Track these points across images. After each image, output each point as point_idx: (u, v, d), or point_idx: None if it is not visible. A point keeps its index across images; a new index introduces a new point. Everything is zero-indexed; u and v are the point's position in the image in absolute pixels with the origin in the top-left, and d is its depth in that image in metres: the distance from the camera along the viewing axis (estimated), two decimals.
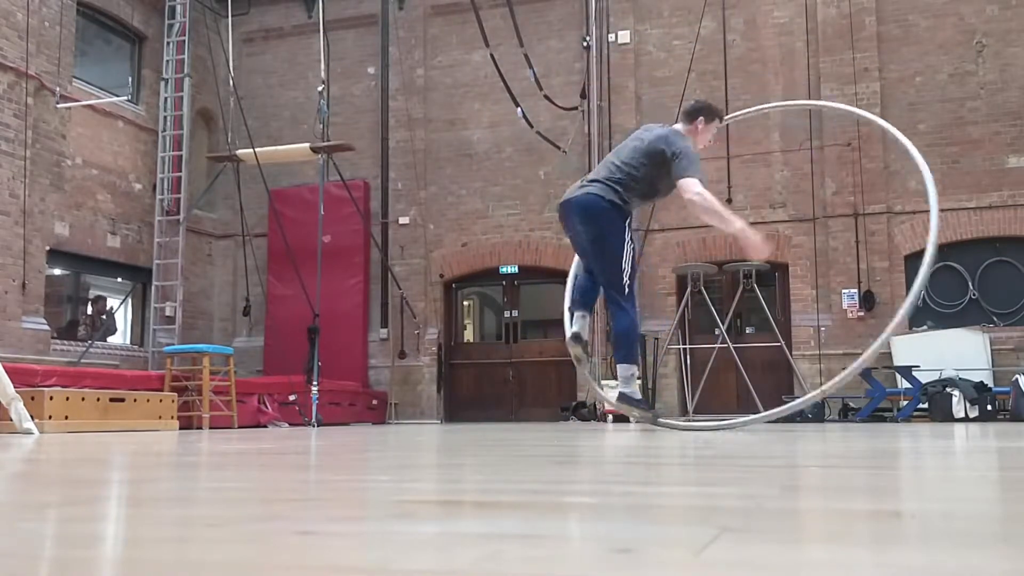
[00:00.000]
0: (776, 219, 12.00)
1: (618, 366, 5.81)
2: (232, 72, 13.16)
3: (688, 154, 5.56)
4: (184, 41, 13.03)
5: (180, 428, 8.85)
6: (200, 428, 9.25)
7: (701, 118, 5.92)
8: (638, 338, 6.08)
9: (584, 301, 6.07)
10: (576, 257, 6.46)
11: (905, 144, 6.21)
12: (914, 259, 11.52)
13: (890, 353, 11.00)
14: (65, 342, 11.57)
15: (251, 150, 12.45)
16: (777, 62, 12.23)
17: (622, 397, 5.80)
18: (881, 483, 2.18)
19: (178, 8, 13.07)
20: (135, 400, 8.49)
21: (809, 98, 11.95)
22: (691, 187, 5.45)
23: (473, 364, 13.46)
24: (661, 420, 6.32)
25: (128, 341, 13.05)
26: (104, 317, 12.71)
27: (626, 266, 5.68)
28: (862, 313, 11.45)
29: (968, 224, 11.32)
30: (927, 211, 11.84)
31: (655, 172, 5.65)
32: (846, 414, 10.69)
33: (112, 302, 13.07)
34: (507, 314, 13.48)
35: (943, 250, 11.40)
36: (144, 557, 1.12)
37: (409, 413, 13.03)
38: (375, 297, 13.45)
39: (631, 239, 5.72)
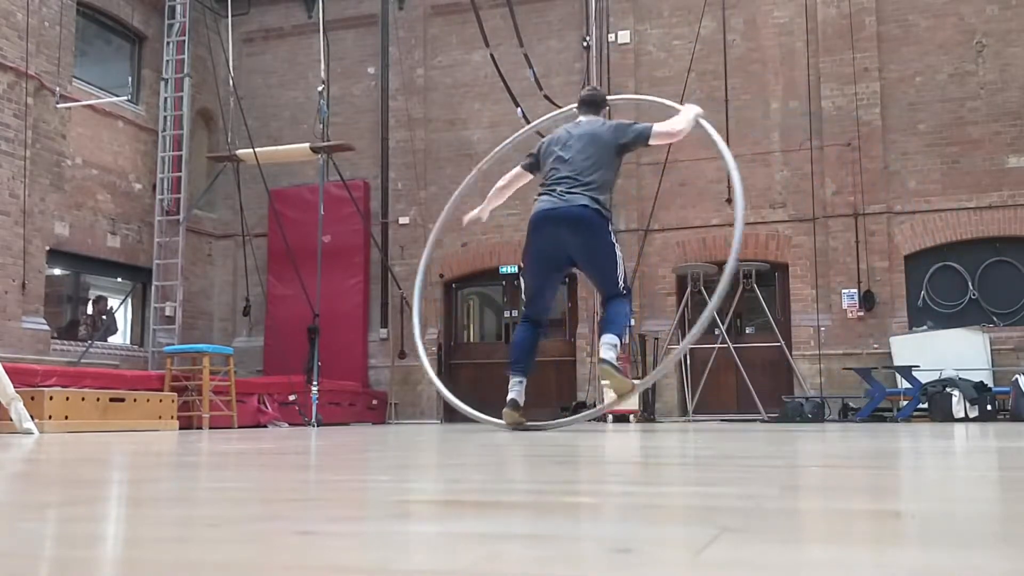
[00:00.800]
0: (776, 219, 12.01)
1: (606, 335, 5.85)
2: (232, 72, 13.17)
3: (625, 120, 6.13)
4: (184, 41, 13.03)
5: (180, 428, 8.84)
6: (200, 428, 9.25)
7: (607, 108, 6.46)
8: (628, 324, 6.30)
9: (525, 364, 6.07)
10: (419, 278, 6.82)
11: (719, 146, 6.32)
12: (914, 259, 11.53)
13: (890, 353, 11.01)
14: (65, 342, 11.57)
15: (251, 150, 12.45)
16: (777, 62, 12.23)
17: (606, 362, 5.79)
18: (881, 483, 2.17)
19: (178, 8, 13.07)
20: (135, 400, 8.49)
21: (810, 98, 11.95)
22: (663, 129, 5.97)
23: (473, 364, 13.46)
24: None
25: (128, 341, 13.05)
26: (104, 317, 12.71)
27: (621, 270, 5.87)
28: (862, 313, 11.45)
29: (968, 224, 11.32)
30: (927, 211, 11.89)
31: (614, 165, 5.99)
32: (846, 414, 10.69)
33: (112, 302, 13.07)
34: (507, 314, 13.48)
35: (943, 250, 11.42)
36: (144, 557, 1.12)
37: (409, 413, 13.04)
38: (375, 297, 13.45)
39: (617, 241, 5.95)
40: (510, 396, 5.96)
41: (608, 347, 5.76)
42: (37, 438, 6.07)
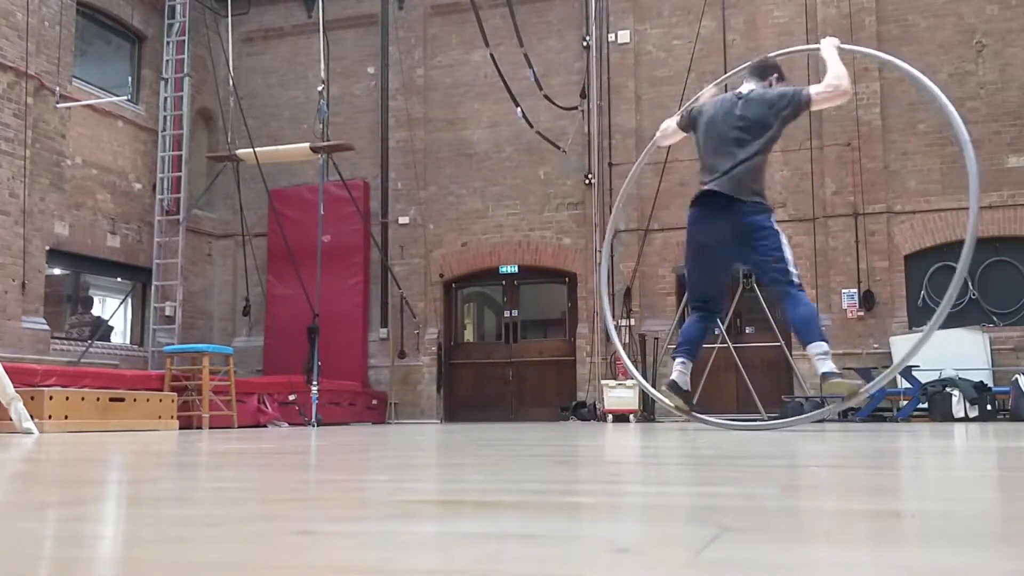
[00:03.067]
0: (776, 219, 11.99)
1: (810, 346, 5.49)
2: (232, 72, 13.16)
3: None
4: (184, 41, 13.03)
5: (180, 428, 8.84)
6: (200, 428, 9.25)
7: (776, 76, 6.01)
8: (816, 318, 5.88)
9: (694, 345, 5.83)
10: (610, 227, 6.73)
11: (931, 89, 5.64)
12: (914, 259, 11.53)
13: (890, 353, 11.01)
14: (65, 342, 11.57)
15: (251, 150, 12.45)
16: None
17: (828, 375, 5.35)
18: (881, 483, 2.17)
19: (178, 8, 13.07)
20: (135, 400, 8.49)
21: None
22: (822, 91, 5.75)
23: (473, 364, 13.46)
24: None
25: (128, 341, 13.05)
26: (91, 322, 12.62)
27: (787, 255, 5.87)
28: (862, 313, 11.45)
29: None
30: (927, 211, 11.86)
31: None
32: (846, 414, 10.68)
33: (100, 304, 13.05)
34: (507, 314, 13.48)
35: (943, 250, 11.42)
36: (144, 557, 1.12)
37: (409, 413, 13.04)
38: (375, 297, 13.45)
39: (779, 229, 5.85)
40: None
41: (819, 358, 5.35)
42: (37, 438, 6.07)
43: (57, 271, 12.15)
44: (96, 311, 13.13)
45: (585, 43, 12.79)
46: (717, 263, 5.75)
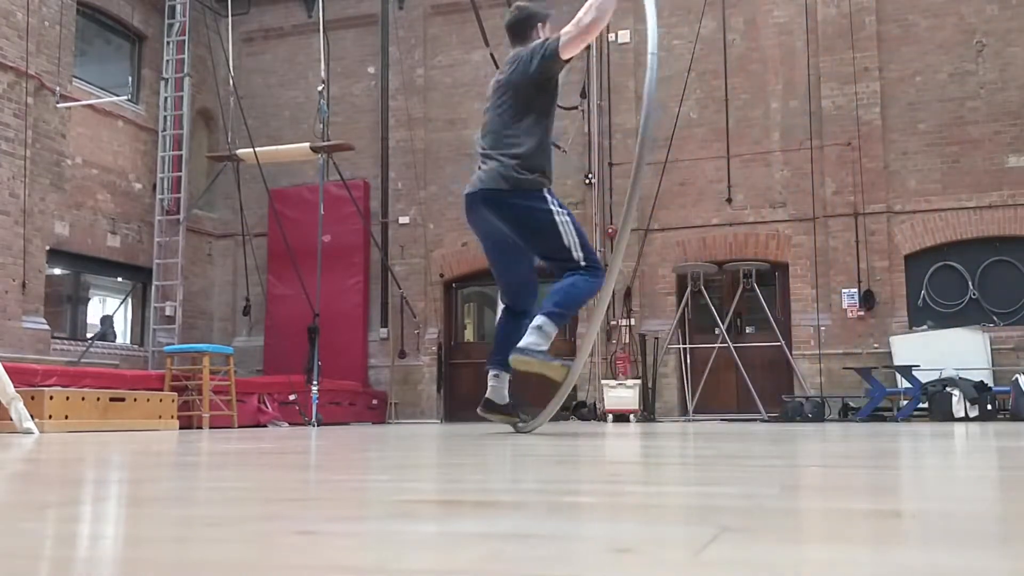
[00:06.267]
0: (776, 219, 12.01)
1: (539, 316, 4.96)
2: (232, 72, 13.17)
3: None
4: (184, 41, 13.04)
5: (180, 428, 8.85)
6: (200, 428, 9.25)
7: (539, 24, 5.41)
8: (579, 305, 5.26)
9: (500, 354, 5.16)
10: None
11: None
12: (914, 259, 11.53)
13: (890, 353, 11.02)
14: (65, 342, 11.57)
15: (251, 150, 12.45)
16: (777, 62, 12.23)
17: (521, 351, 4.82)
18: (881, 483, 2.17)
19: (178, 8, 13.08)
20: (135, 400, 8.49)
21: (810, 98, 11.94)
22: (570, 30, 5.16)
23: (473, 364, 13.44)
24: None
25: (128, 341, 13.06)
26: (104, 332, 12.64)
27: (569, 239, 5.04)
28: (862, 313, 11.45)
29: (968, 224, 11.32)
30: (927, 211, 11.86)
31: (535, 106, 5.13)
32: (846, 414, 10.69)
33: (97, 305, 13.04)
34: None
35: (943, 249, 11.42)
36: (144, 557, 1.12)
37: (409, 413, 13.04)
38: (375, 297, 13.46)
39: (560, 209, 5.04)
40: (486, 395, 5.32)
41: (530, 331, 4.91)
42: (37, 438, 6.06)
43: (57, 271, 12.16)
44: (96, 316, 13.11)
45: None
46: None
